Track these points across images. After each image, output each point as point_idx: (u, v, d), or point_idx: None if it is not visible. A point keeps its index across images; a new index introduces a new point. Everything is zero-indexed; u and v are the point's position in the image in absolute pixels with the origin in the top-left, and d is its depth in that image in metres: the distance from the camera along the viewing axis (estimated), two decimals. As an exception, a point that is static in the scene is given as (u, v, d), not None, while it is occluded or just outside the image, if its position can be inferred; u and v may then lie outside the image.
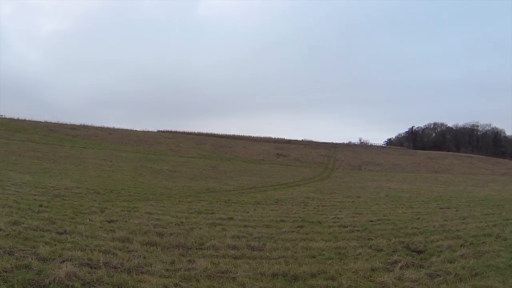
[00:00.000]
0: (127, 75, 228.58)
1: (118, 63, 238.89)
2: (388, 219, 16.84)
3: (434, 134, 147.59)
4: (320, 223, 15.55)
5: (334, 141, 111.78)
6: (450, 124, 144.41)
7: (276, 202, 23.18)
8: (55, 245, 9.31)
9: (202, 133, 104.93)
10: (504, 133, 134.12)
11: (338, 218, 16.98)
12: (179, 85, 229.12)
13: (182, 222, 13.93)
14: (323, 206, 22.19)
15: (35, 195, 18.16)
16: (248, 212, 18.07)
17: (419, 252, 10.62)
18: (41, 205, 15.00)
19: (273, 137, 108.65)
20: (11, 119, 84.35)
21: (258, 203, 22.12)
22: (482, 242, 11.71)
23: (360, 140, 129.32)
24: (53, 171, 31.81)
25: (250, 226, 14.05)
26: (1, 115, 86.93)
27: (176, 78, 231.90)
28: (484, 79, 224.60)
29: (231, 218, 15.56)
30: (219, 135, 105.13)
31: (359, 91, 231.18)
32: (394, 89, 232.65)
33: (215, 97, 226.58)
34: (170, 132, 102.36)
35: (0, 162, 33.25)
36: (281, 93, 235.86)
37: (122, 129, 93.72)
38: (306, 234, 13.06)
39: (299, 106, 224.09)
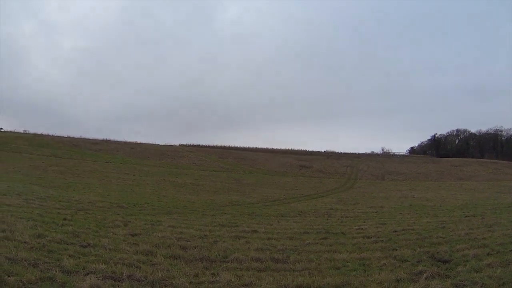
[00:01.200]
0: (148, 90, 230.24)
1: (139, 78, 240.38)
2: (413, 229, 16.61)
3: (457, 141, 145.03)
4: (344, 234, 15.43)
5: (356, 152, 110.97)
6: (473, 130, 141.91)
7: (300, 214, 23.11)
8: (79, 258, 9.45)
9: (224, 146, 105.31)
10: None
11: (362, 229, 16.86)
12: (200, 99, 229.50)
13: (205, 235, 13.96)
14: (346, 217, 22.04)
15: (59, 208, 18.41)
16: (271, 225, 18.06)
17: (445, 262, 10.43)
18: (65, 219, 15.19)
19: (295, 149, 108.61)
20: (35, 134, 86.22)
21: (282, 216, 22.07)
22: (510, 250, 11.40)
23: (382, 150, 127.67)
24: (77, 185, 32.32)
25: (274, 239, 14.02)
26: (25, 130, 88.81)
27: (197, 93, 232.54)
28: (503, 82, 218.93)
29: (255, 231, 15.55)
30: (241, 148, 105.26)
31: (381, 100, 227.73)
32: (415, 97, 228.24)
33: (236, 110, 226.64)
34: (192, 146, 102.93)
35: (25, 176, 33.93)
36: (301, 104, 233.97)
37: (144, 143, 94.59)
38: (330, 245, 12.98)
39: (320, 117, 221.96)
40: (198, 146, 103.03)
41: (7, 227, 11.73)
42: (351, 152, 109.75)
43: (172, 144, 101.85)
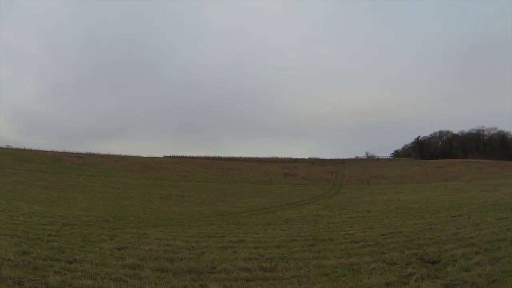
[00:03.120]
0: (129, 101, 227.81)
1: (120, 90, 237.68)
2: (400, 232, 16.66)
3: (440, 143, 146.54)
4: (331, 240, 15.40)
5: (340, 157, 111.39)
6: (455, 131, 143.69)
7: (286, 222, 23.06)
8: (65, 274, 9.26)
9: (208, 157, 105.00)
10: (511, 135, 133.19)
11: (349, 234, 16.85)
12: (181, 110, 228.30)
13: (192, 247, 13.84)
14: (333, 223, 22.04)
15: (43, 224, 18.21)
16: (258, 234, 17.95)
17: (434, 262, 10.44)
18: (50, 234, 14.98)
19: (280, 157, 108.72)
20: (18, 149, 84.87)
21: (268, 224, 22.00)
22: (497, 248, 11.46)
23: (366, 154, 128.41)
24: (61, 200, 32.03)
25: (261, 248, 13.93)
26: (8, 145, 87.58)
27: (179, 103, 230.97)
28: (483, 82, 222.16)
29: (242, 241, 15.46)
30: (225, 158, 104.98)
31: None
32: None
33: (219, 120, 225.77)
34: (176, 157, 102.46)
35: (8, 192, 33.41)
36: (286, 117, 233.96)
37: (128, 156, 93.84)
38: (318, 252, 12.93)
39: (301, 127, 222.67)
40: (182, 157, 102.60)
41: None
42: (336, 158, 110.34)
43: (156, 156, 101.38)
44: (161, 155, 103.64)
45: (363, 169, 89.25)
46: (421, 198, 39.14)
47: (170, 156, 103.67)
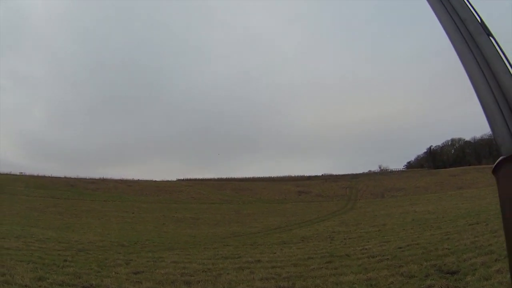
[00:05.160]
0: (141, 125, 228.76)
1: (130, 115, 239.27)
2: (417, 244, 16.43)
3: (453, 151, 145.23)
4: (348, 256, 15.22)
5: (354, 172, 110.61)
6: (467, 137, 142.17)
7: (302, 240, 22.88)
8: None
9: (221, 178, 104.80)
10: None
11: (366, 249, 16.64)
12: (191, 133, 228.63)
13: (209, 269, 13.75)
14: (349, 238, 21.83)
15: (59, 250, 18.22)
16: (275, 253, 17.82)
17: (453, 273, 10.26)
18: (65, 260, 14.97)
19: (293, 175, 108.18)
20: (31, 176, 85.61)
21: (284, 243, 21.85)
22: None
23: (379, 167, 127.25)
24: (76, 226, 32.08)
25: (278, 267, 13.80)
26: (21, 172, 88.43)
27: (186, 126, 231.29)
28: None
29: (259, 261, 15.33)
30: (238, 178, 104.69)
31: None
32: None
33: (230, 142, 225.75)
34: (189, 180, 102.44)
35: (23, 219, 33.58)
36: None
37: (141, 180, 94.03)
38: (335, 269, 12.78)
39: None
40: (195, 180, 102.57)
41: (7, 271, 11.55)
42: (349, 173, 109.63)
43: (169, 179, 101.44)
44: (174, 179, 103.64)
45: (377, 182, 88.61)
46: (436, 208, 38.66)
47: (183, 179, 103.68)
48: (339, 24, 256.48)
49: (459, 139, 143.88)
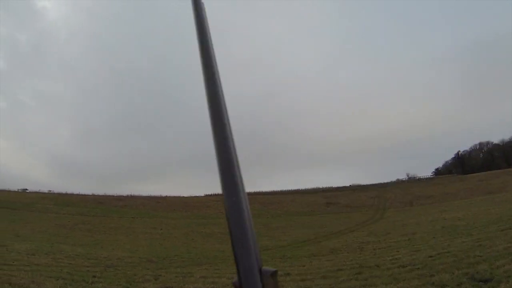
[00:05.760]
0: (162, 142, 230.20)
1: (153, 131, 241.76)
2: (448, 252, 15.97)
3: (481, 155, 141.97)
4: (378, 266, 14.90)
5: (381, 181, 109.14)
6: (496, 140, 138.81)
7: (332, 252, 22.57)
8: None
9: (249, 192, 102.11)
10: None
11: (396, 258, 16.26)
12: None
13: (238, 284, 13.64)
14: (379, 248, 21.40)
15: (87, 266, 18.34)
16: (304, 266, 17.60)
17: (486, 281, 9.91)
18: (94, 276, 15.09)
19: (321, 187, 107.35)
20: (59, 194, 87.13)
21: (314, 255, 21.58)
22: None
23: (407, 175, 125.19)
24: (104, 242, 32.29)
25: (308, 280, 13.61)
26: (50, 190, 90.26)
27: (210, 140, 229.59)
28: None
29: (288, 274, 15.15)
30: (266, 192, 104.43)
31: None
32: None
33: (256, 155, 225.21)
34: (218, 195, 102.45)
35: (52, 236, 34.06)
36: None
37: (169, 196, 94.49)
38: (365, 280, 12.51)
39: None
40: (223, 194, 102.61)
41: (36, 287, 11.66)
42: (377, 182, 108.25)
43: (197, 195, 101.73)
44: (202, 194, 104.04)
45: (405, 191, 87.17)
46: (467, 214, 37.66)
47: (211, 194, 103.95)
48: (359, 32, 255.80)
49: (487, 143, 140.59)
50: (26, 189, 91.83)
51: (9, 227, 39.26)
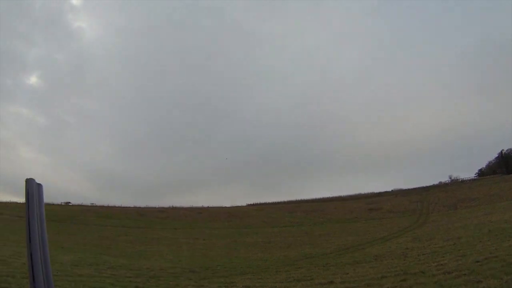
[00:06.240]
0: (201, 154, 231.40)
1: (192, 143, 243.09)
2: (496, 256, 15.37)
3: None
4: (423, 273, 14.50)
5: (424, 185, 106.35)
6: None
7: (375, 259, 22.13)
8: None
9: (292, 201, 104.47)
10: None
11: (441, 264, 15.79)
12: (257, 158, 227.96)
13: (281, 293, 13.58)
14: (423, 254, 20.81)
15: (130, 277, 18.50)
16: (347, 273, 17.33)
17: (537, 287, 9.50)
18: (136, 286, 15.33)
19: (363, 193, 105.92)
20: (102, 206, 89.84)
21: (357, 262, 21.23)
22: None
23: (450, 178, 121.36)
24: (147, 253, 32.61)
25: (352, 287, 13.41)
26: (92, 203, 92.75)
27: (251, 150, 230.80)
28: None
29: (331, 282, 14.98)
30: (309, 200, 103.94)
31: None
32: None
33: (297, 163, 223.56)
34: (260, 204, 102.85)
35: (95, 247, 34.80)
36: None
37: (211, 207, 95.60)
38: (410, 287, 12.22)
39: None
40: (265, 204, 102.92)
41: None
42: (419, 186, 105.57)
43: (239, 205, 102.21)
44: (243, 204, 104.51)
45: (449, 193, 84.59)
46: (514, 216, 36.24)
47: (253, 204, 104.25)
48: (399, 34, 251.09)
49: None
50: (69, 202, 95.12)
51: (53, 239, 40.37)
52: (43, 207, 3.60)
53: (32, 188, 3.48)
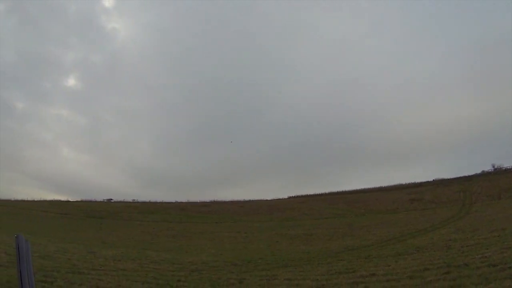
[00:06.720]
0: (241, 148, 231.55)
1: (231, 138, 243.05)
2: (544, 248, 14.90)
3: None
4: (467, 265, 14.18)
5: (466, 174, 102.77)
6: None
7: (418, 250, 21.72)
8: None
9: (333, 192, 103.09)
10: None
11: (485, 257, 15.34)
12: (296, 150, 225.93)
13: (323, 285, 13.60)
14: (467, 246, 20.26)
15: (172, 271, 18.78)
16: (389, 265, 17.14)
17: None
18: (179, 280, 15.60)
19: (404, 183, 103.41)
20: (143, 202, 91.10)
21: (399, 254, 20.91)
22: None
23: (493, 167, 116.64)
24: (189, 247, 32.86)
25: (393, 280, 13.30)
26: (134, 199, 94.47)
27: (289, 144, 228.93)
28: None
29: (373, 274, 14.89)
30: (350, 191, 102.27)
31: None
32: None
33: (338, 155, 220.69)
34: (301, 196, 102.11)
35: (138, 242, 35.52)
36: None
37: (253, 200, 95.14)
38: (454, 280, 11.98)
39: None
40: (306, 196, 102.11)
41: None
42: (461, 176, 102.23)
43: (281, 197, 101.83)
44: (285, 196, 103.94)
45: (492, 183, 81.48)
46: None
47: (294, 196, 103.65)
48: (431, 17, 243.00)
49: None
50: (111, 199, 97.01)
51: (97, 235, 41.83)
52: (30, 259, 4.90)
53: (22, 243, 4.69)
